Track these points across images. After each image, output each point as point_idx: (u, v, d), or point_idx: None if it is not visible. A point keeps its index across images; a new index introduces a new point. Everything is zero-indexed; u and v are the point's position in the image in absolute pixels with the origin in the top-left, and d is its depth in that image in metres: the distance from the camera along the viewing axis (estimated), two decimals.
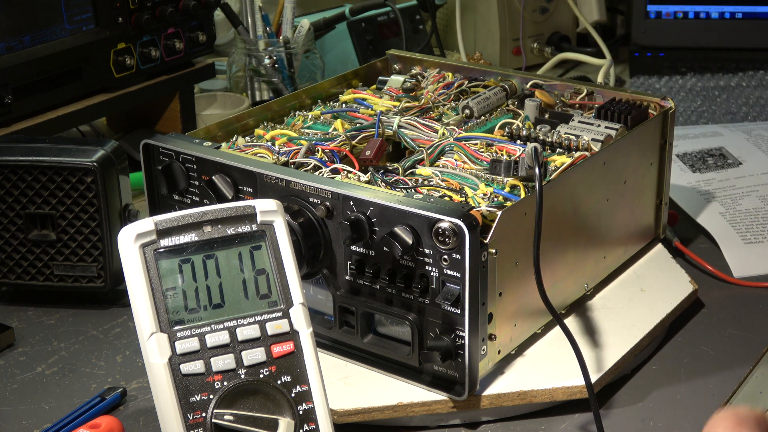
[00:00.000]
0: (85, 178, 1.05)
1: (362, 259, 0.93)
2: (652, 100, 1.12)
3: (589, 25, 1.77)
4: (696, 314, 1.08)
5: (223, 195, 0.98)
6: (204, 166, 1.00)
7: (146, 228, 0.79)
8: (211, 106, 1.55)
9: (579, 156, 1.01)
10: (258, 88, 1.55)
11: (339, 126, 1.09)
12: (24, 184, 1.06)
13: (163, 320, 0.78)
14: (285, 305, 0.80)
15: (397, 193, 0.92)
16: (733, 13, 1.79)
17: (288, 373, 0.78)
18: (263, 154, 1.02)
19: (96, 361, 1.01)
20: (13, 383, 0.98)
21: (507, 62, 1.78)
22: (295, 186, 0.95)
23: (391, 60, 1.29)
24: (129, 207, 1.09)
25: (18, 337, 1.04)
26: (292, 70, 1.53)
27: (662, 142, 1.12)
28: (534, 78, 1.20)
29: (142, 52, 1.33)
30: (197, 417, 0.76)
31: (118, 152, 1.09)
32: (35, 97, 1.24)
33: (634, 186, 1.09)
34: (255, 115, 1.13)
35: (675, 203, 1.27)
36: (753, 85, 1.69)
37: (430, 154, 1.02)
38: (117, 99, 1.33)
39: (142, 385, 0.96)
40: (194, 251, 0.80)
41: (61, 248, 1.07)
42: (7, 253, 1.08)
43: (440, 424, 0.92)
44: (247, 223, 0.81)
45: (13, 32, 1.22)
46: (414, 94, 1.17)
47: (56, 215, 1.06)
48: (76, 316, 1.08)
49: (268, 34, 1.57)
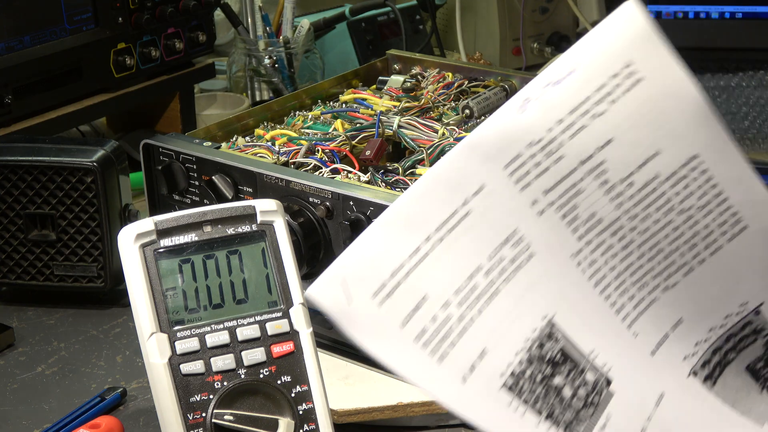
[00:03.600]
0: (85, 178, 1.05)
1: None
2: None
3: (589, 25, 1.77)
4: None
5: (223, 195, 0.98)
6: (204, 166, 1.00)
7: (146, 228, 0.79)
8: (211, 106, 1.55)
9: None
10: (258, 88, 1.55)
11: (339, 126, 1.09)
12: (24, 184, 1.06)
13: (163, 320, 0.78)
14: (285, 305, 0.80)
15: (397, 193, 0.92)
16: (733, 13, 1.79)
17: (288, 373, 0.78)
18: (263, 154, 1.02)
19: (96, 361, 1.01)
20: (13, 383, 0.98)
21: (507, 62, 1.78)
22: (295, 186, 0.95)
23: (391, 60, 1.29)
24: (129, 207, 1.09)
25: (18, 337, 1.04)
26: (292, 70, 1.53)
27: None
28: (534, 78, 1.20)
29: (142, 52, 1.33)
30: (197, 417, 0.76)
31: (118, 152, 1.09)
32: (35, 97, 1.24)
33: None
34: (255, 115, 1.13)
35: None
36: (753, 85, 1.69)
37: (430, 154, 1.02)
38: (117, 99, 1.33)
39: (142, 385, 0.96)
40: (194, 251, 0.80)
41: (61, 248, 1.07)
42: (7, 253, 1.08)
43: (440, 424, 0.92)
44: (247, 223, 0.81)
45: (13, 32, 1.22)
46: (414, 94, 1.17)
47: (56, 215, 1.06)
48: (76, 316, 1.08)
49: (268, 34, 1.57)
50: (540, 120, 0.56)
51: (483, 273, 0.56)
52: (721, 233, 0.58)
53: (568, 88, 0.57)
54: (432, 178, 0.57)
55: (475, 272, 0.56)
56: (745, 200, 0.58)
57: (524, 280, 0.56)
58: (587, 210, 0.57)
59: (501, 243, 0.56)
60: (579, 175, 0.57)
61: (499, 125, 0.57)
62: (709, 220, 0.58)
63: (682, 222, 0.58)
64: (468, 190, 0.56)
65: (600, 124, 0.56)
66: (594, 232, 0.57)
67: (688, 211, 0.58)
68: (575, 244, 0.57)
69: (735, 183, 0.59)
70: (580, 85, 0.57)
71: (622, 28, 0.58)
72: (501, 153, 0.56)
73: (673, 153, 0.57)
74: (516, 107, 0.57)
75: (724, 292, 0.59)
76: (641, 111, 0.57)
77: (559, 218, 0.57)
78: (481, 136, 0.57)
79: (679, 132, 0.57)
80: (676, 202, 0.58)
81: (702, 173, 0.58)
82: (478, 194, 0.56)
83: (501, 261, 0.56)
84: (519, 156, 0.56)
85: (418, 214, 0.56)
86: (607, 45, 0.57)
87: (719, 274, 0.58)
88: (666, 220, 0.57)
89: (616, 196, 0.57)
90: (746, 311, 0.59)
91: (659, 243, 0.57)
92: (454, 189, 0.56)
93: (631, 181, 0.57)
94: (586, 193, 0.57)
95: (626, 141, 0.57)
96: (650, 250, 0.57)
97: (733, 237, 0.58)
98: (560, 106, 0.57)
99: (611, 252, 0.57)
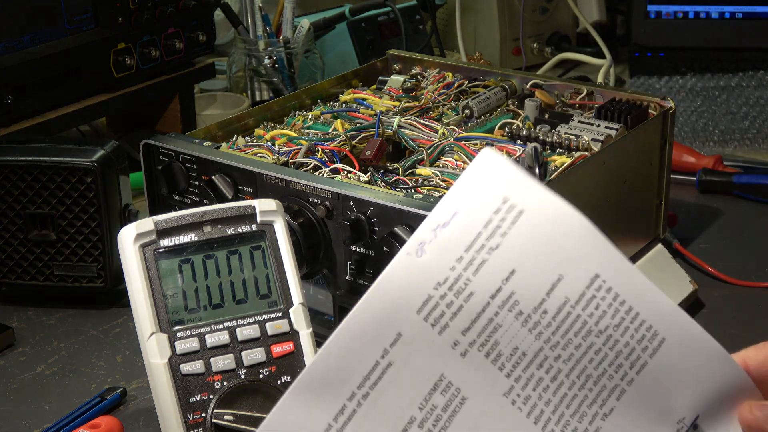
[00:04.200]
0: (85, 178, 1.05)
1: (362, 259, 0.93)
2: (652, 100, 1.12)
3: (589, 25, 1.77)
4: (696, 314, 1.08)
5: (223, 195, 0.98)
6: (204, 166, 1.00)
7: (146, 228, 0.79)
8: (211, 106, 1.55)
9: (579, 156, 1.01)
10: (258, 88, 1.55)
11: (339, 126, 1.09)
12: (24, 184, 1.06)
13: (163, 320, 0.78)
14: (285, 305, 0.80)
15: (397, 193, 0.92)
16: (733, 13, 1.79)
17: (288, 373, 0.78)
18: (263, 154, 1.02)
19: (96, 361, 1.01)
20: (13, 383, 0.98)
21: (507, 62, 1.78)
22: (295, 186, 0.95)
23: (391, 60, 1.28)
24: (129, 207, 1.09)
25: (18, 337, 1.04)
26: (292, 70, 1.53)
27: (662, 142, 1.12)
28: (534, 78, 1.20)
29: (142, 52, 1.33)
30: (197, 417, 0.76)
31: (118, 152, 1.09)
32: (35, 97, 1.24)
33: (634, 186, 1.09)
34: (255, 115, 1.13)
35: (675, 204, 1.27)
36: (753, 85, 1.69)
37: (430, 154, 1.02)
38: (117, 99, 1.33)
39: (142, 385, 0.96)
40: (194, 251, 0.80)
41: (61, 248, 1.07)
42: (7, 253, 1.08)
43: None
44: (247, 223, 0.81)
45: (13, 32, 1.22)
46: (414, 94, 1.17)
47: (56, 215, 1.06)
48: (76, 316, 1.08)
49: (268, 34, 1.57)
50: (440, 260, 0.56)
51: (416, 425, 0.54)
52: (642, 349, 0.58)
53: (458, 227, 0.57)
54: (346, 334, 0.55)
55: (408, 425, 0.54)
56: (654, 313, 0.59)
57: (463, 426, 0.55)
58: (509, 345, 0.56)
59: (430, 390, 0.55)
60: (493, 309, 0.56)
61: (401, 272, 0.56)
62: (628, 338, 0.58)
63: (602, 343, 0.57)
64: (385, 340, 0.55)
65: (498, 257, 0.57)
66: (521, 367, 0.56)
67: (606, 331, 0.57)
68: (505, 382, 0.56)
69: (640, 297, 0.59)
70: (468, 223, 0.57)
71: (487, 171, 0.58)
72: (411, 298, 0.55)
73: (575, 276, 0.58)
74: (413, 252, 0.56)
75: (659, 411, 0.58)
76: (533, 240, 0.57)
77: (483, 357, 0.56)
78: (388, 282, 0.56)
79: (574, 255, 0.58)
80: (592, 324, 0.57)
81: (608, 291, 0.58)
82: (396, 343, 0.55)
83: (434, 410, 0.55)
84: (430, 299, 0.56)
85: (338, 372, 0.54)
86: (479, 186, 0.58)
87: (650, 392, 0.58)
88: (587, 344, 0.57)
89: (534, 326, 0.57)
90: (685, 427, 0.58)
91: (586, 369, 0.57)
92: (371, 341, 0.55)
93: (545, 309, 0.57)
94: (504, 327, 0.56)
95: (528, 270, 0.57)
96: (579, 378, 0.57)
97: (654, 352, 0.58)
98: (456, 244, 0.57)
99: (542, 385, 0.57)
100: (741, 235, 1.24)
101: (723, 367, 0.59)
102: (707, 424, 0.59)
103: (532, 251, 0.57)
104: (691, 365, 0.59)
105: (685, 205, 1.31)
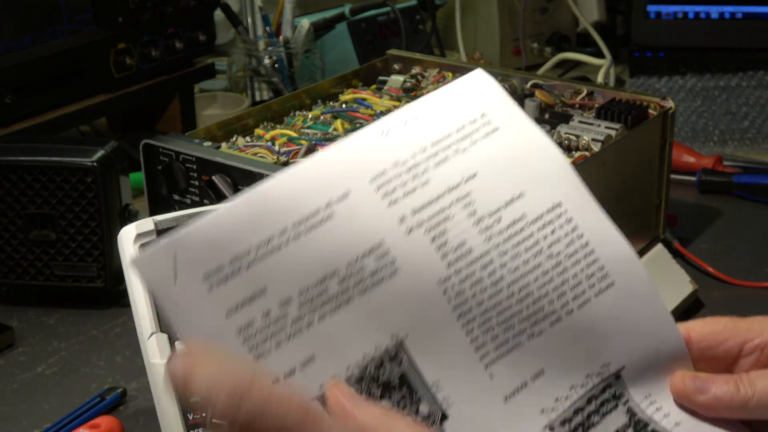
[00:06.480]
0: (85, 178, 1.05)
1: None
2: (652, 100, 1.12)
3: (589, 25, 1.77)
4: (696, 314, 1.08)
5: (223, 195, 0.98)
6: (204, 166, 1.00)
7: (146, 228, 0.79)
8: (211, 106, 1.55)
9: (579, 156, 1.01)
10: (258, 88, 1.55)
11: (339, 126, 1.09)
12: (24, 184, 1.06)
13: (163, 320, 0.78)
14: None
15: None
16: (733, 13, 1.79)
17: None
18: (263, 154, 1.02)
19: (96, 361, 1.01)
20: (13, 383, 0.98)
21: (507, 62, 1.78)
22: None
23: (391, 60, 1.28)
24: (129, 207, 1.09)
25: (18, 337, 1.04)
26: (292, 70, 1.53)
27: (662, 142, 1.12)
28: (534, 78, 1.20)
29: (142, 52, 1.33)
30: (197, 417, 0.76)
31: (118, 152, 1.09)
32: (35, 97, 1.24)
33: (634, 186, 1.09)
34: (255, 115, 1.13)
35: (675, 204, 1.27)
36: (753, 85, 1.69)
37: None
38: (117, 99, 1.33)
39: (142, 385, 0.96)
40: None
41: (61, 248, 1.07)
42: (7, 253, 1.08)
43: None
44: None
45: (13, 32, 1.22)
46: (414, 94, 1.17)
47: (56, 215, 1.06)
48: (76, 316, 1.08)
49: (268, 34, 1.57)
50: (404, 145, 0.56)
51: (337, 279, 0.53)
52: (589, 285, 0.58)
53: (430, 123, 0.57)
54: (303, 171, 0.54)
55: (328, 277, 0.53)
56: (611, 257, 0.58)
57: (381, 296, 0.54)
58: (457, 237, 0.55)
59: (365, 252, 0.54)
60: (447, 200, 0.56)
61: (362, 143, 0.56)
62: (578, 270, 0.57)
63: (551, 267, 0.57)
64: (333, 193, 0.54)
65: (463, 159, 0.56)
66: (464, 261, 0.55)
67: (557, 256, 0.57)
68: (444, 270, 0.55)
69: (600, 237, 0.58)
70: (440, 122, 0.57)
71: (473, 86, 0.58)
72: (367, 168, 0.55)
73: (537, 196, 0.57)
74: (377, 133, 0.56)
75: (588, 349, 0.58)
76: (502, 154, 0.57)
77: (429, 240, 0.55)
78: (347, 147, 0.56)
79: (540, 179, 0.58)
80: (545, 246, 0.57)
81: (567, 222, 0.58)
82: (344, 200, 0.54)
83: (360, 271, 0.54)
84: (385, 172, 0.55)
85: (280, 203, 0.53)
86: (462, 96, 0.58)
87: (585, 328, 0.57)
88: (536, 262, 0.57)
89: (486, 228, 0.56)
90: (607, 373, 0.58)
91: (529, 285, 0.56)
92: (320, 188, 0.54)
93: (500, 216, 0.56)
94: (456, 220, 0.56)
95: (491, 178, 0.57)
96: (519, 291, 0.56)
97: (600, 292, 0.58)
98: (423, 136, 0.56)
99: (480, 286, 0.56)
100: (741, 235, 1.24)
101: (664, 329, 0.59)
102: (630, 379, 0.58)
103: (498, 164, 0.57)
104: (632, 317, 0.58)
105: (685, 205, 1.31)
